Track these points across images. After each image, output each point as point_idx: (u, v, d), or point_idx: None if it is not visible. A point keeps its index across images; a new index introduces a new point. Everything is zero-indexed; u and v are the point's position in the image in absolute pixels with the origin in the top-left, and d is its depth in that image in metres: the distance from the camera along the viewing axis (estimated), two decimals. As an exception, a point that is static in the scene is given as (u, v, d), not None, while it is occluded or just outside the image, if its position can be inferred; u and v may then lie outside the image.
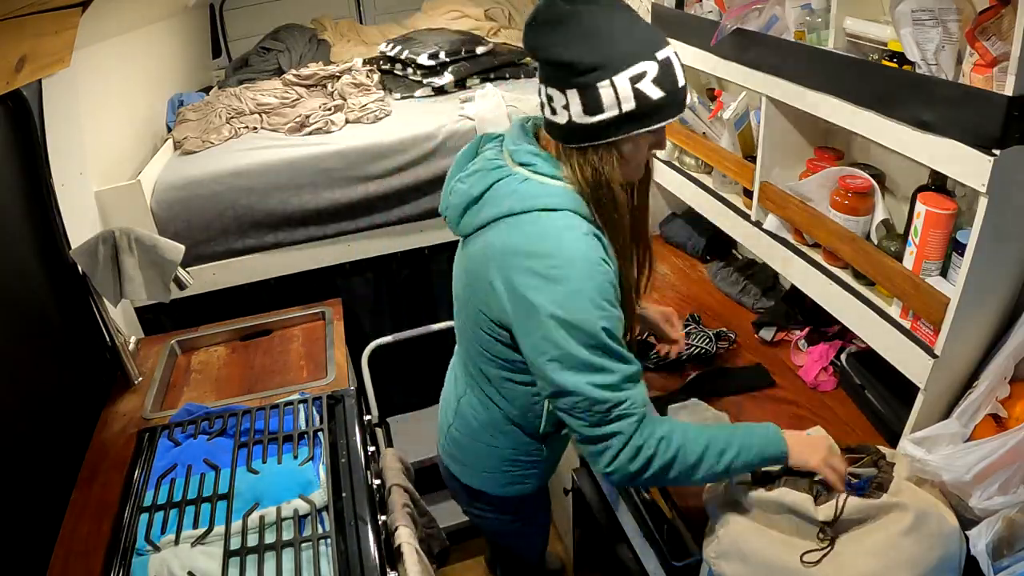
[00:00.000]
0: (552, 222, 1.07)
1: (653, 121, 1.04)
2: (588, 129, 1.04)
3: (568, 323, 1.03)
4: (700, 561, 1.33)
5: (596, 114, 1.02)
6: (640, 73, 1.00)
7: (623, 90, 1.00)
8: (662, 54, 1.01)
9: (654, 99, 1.01)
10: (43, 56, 1.55)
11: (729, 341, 1.81)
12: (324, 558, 1.29)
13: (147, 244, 1.73)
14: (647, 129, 1.04)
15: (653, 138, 1.09)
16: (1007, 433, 1.11)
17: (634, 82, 1.00)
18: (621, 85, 1.00)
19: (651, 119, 1.03)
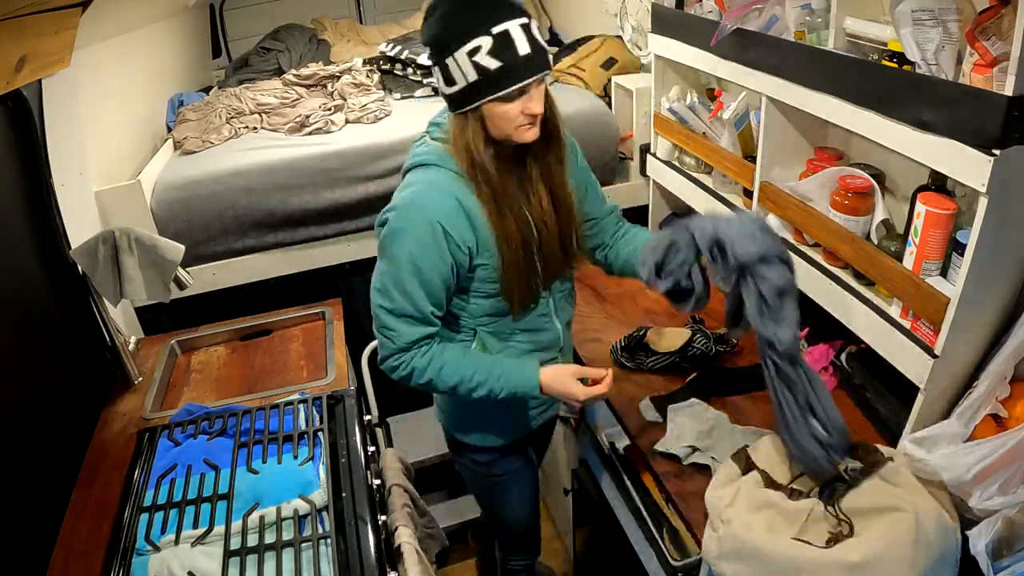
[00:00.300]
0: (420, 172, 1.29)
1: (497, 89, 1.15)
2: (452, 99, 1.22)
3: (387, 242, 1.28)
4: (700, 561, 1.33)
5: (451, 85, 1.19)
6: (475, 47, 1.13)
7: (464, 63, 1.14)
8: (498, 28, 1.12)
9: (491, 69, 1.13)
10: (43, 56, 1.55)
11: (730, 345, 1.81)
12: (324, 558, 1.29)
13: (147, 244, 1.73)
14: (494, 96, 1.16)
15: (511, 103, 1.18)
16: (1007, 433, 1.11)
17: (471, 55, 1.13)
18: (461, 60, 1.14)
19: (494, 87, 1.15)
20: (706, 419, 1.55)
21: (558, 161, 1.34)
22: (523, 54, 1.14)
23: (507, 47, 1.13)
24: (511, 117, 1.19)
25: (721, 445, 1.49)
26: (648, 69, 2.25)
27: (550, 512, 2.61)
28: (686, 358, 1.78)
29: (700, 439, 1.51)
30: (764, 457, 1.29)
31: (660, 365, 1.77)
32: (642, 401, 1.66)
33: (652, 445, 1.54)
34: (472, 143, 1.22)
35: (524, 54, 1.14)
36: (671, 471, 1.49)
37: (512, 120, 1.20)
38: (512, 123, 1.20)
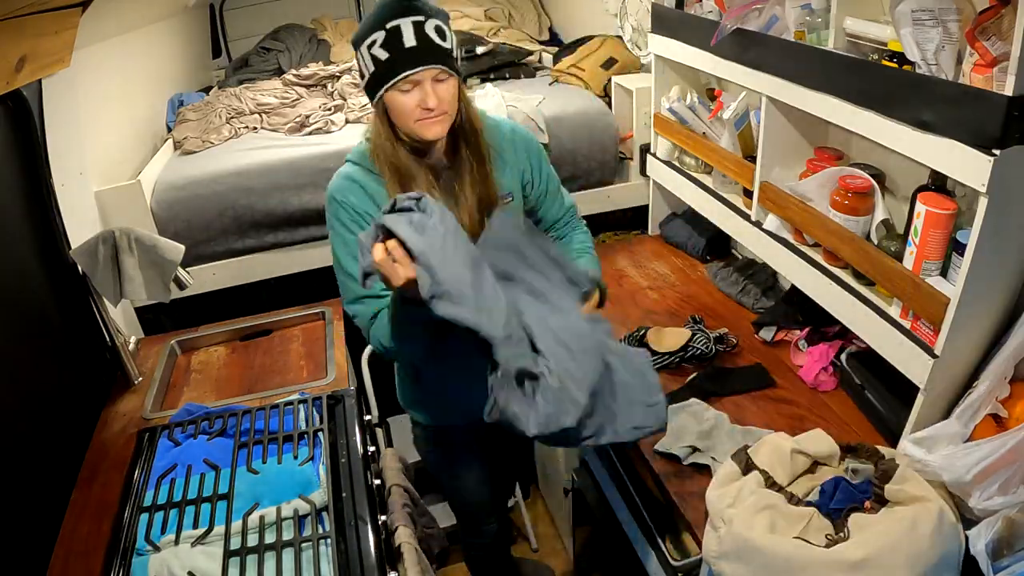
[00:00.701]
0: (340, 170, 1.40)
1: (388, 77, 1.24)
2: (365, 92, 1.31)
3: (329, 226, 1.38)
4: (700, 561, 1.33)
5: (362, 78, 1.30)
6: (372, 41, 1.23)
7: (364, 57, 1.25)
8: (391, 23, 1.21)
9: (382, 59, 1.23)
10: (43, 56, 1.55)
11: (729, 345, 1.81)
12: (324, 558, 1.29)
13: (147, 244, 1.73)
14: (388, 84, 1.24)
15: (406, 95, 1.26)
16: (1007, 433, 1.11)
17: (369, 48, 1.23)
18: (363, 53, 1.25)
19: (385, 78, 1.24)
20: (706, 419, 1.55)
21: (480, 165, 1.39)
22: (408, 46, 1.22)
23: (395, 40, 1.22)
24: (408, 109, 1.26)
25: (721, 445, 1.49)
26: (648, 69, 2.25)
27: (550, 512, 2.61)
28: (686, 358, 1.78)
29: (700, 439, 1.51)
30: (764, 457, 1.29)
31: (660, 365, 1.77)
32: (642, 401, 1.66)
33: (652, 445, 1.54)
34: (381, 135, 1.32)
35: (409, 46, 1.22)
36: (671, 471, 1.49)
37: (410, 113, 1.26)
38: (410, 116, 1.27)
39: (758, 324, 1.88)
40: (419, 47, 1.23)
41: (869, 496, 1.19)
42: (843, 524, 1.16)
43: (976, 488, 1.12)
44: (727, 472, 1.30)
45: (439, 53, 1.25)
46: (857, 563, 1.07)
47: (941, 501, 1.13)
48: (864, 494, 1.19)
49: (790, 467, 1.28)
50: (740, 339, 1.84)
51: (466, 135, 1.36)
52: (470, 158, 1.37)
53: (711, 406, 1.60)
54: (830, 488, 1.21)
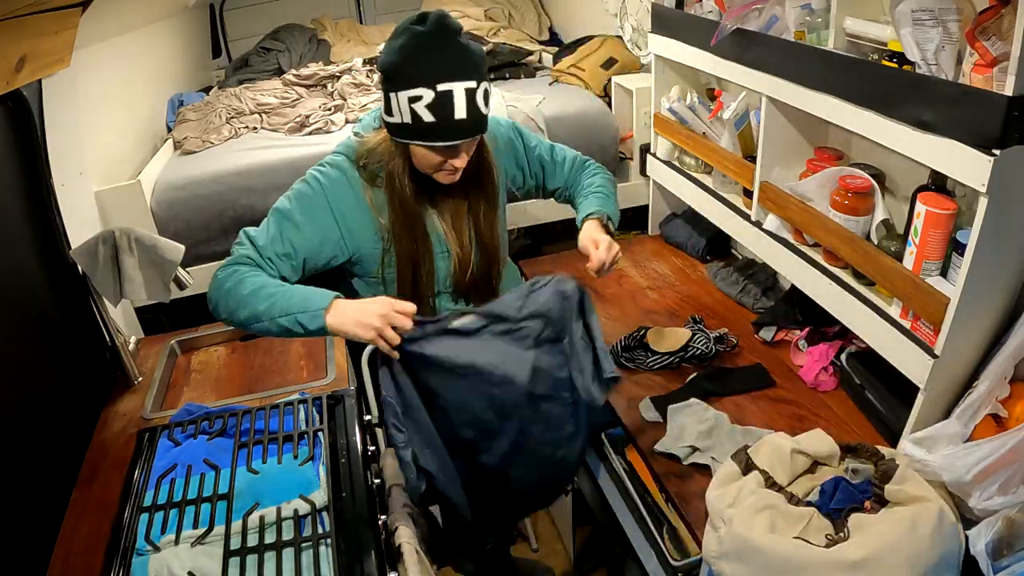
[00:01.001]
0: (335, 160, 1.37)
1: (425, 138, 1.22)
2: (387, 125, 1.28)
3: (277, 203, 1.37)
4: (700, 561, 1.33)
5: (389, 115, 1.25)
6: (416, 96, 1.17)
7: (403, 105, 1.20)
8: (443, 87, 1.17)
9: (425, 121, 1.19)
10: (43, 56, 1.55)
11: (730, 345, 1.82)
12: (324, 558, 1.29)
13: (147, 244, 1.73)
14: (421, 144, 1.23)
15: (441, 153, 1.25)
16: (1007, 433, 1.11)
17: (411, 102, 1.18)
18: (402, 101, 1.19)
19: (423, 138, 1.22)
20: (706, 419, 1.55)
21: (489, 206, 1.41)
22: (457, 118, 1.19)
23: (445, 106, 1.18)
24: (434, 163, 1.26)
25: (721, 445, 1.49)
26: (648, 69, 2.25)
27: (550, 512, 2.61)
28: (686, 358, 1.78)
29: (700, 439, 1.51)
30: (764, 457, 1.29)
31: (660, 365, 1.77)
32: (642, 401, 1.66)
33: (652, 445, 1.54)
34: (397, 168, 1.30)
35: (459, 118, 1.19)
36: (671, 471, 1.49)
37: (434, 165, 1.26)
38: (434, 168, 1.27)
39: (758, 324, 1.88)
40: (467, 120, 1.20)
41: (869, 496, 1.19)
42: (843, 524, 1.16)
43: (976, 488, 1.12)
44: (727, 472, 1.30)
45: (482, 123, 1.24)
46: (857, 563, 1.07)
47: (941, 501, 1.13)
48: (864, 494, 1.19)
49: (790, 467, 1.28)
50: (740, 339, 1.84)
51: (480, 178, 1.38)
52: (480, 196, 1.40)
53: (711, 406, 1.60)
54: (830, 488, 1.21)
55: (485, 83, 1.21)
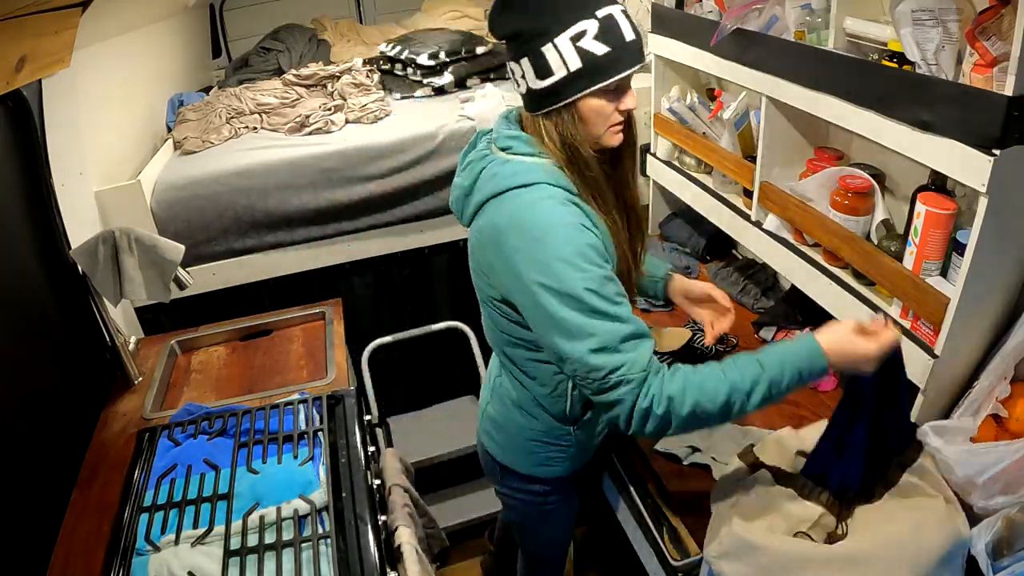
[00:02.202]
0: (529, 195, 1.10)
1: (603, 77, 1.06)
2: (544, 93, 1.09)
3: (552, 289, 1.05)
4: (700, 561, 1.33)
5: (547, 77, 1.07)
6: (580, 32, 1.03)
7: (566, 50, 1.04)
8: (603, 12, 1.04)
9: (598, 55, 1.04)
10: (43, 56, 1.55)
11: (730, 345, 1.81)
12: (324, 558, 1.29)
13: (147, 244, 1.73)
14: (599, 86, 1.07)
15: (613, 97, 1.10)
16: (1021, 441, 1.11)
17: (575, 41, 1.04)
18: (563, 46, 1.04)
19: (600, 75, 1.06)
20: None
21: (633, 166, 1.25)
22: (629, 40, 1.06)
23: (613, 31, 1.05)
24: (606, 114, 1.10)
25: (721, 445, 1.49)
26: (648, 69, 2.25)
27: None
28: (686, 358, 1.78)
29: (700, 439, 1.51)
30: (771, 455, 1.29)
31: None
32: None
33: (652, 445, 1.54)
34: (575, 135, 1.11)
35: (630, 40, 1.06)
36: (671, 471, 1.49)
37: (607, 118, 1.11)
38: (606, 122, 1.11)
39: (758, 324, 1.88)
40: (636, 40, 1.07)
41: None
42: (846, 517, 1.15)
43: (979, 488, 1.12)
44: (733, 471, 1.31)
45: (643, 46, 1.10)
46: (857, 560, 1.07)
47: (953, 500, 1.13)
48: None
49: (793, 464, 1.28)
50: (740, 339, 1.84)
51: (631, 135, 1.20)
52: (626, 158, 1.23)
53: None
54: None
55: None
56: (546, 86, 1.08)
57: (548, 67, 1.07)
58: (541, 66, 1.07)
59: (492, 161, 1.18)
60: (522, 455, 1.42)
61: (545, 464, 1.42)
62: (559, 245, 1.06)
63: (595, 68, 1.05)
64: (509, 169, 1.14)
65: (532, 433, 1.37)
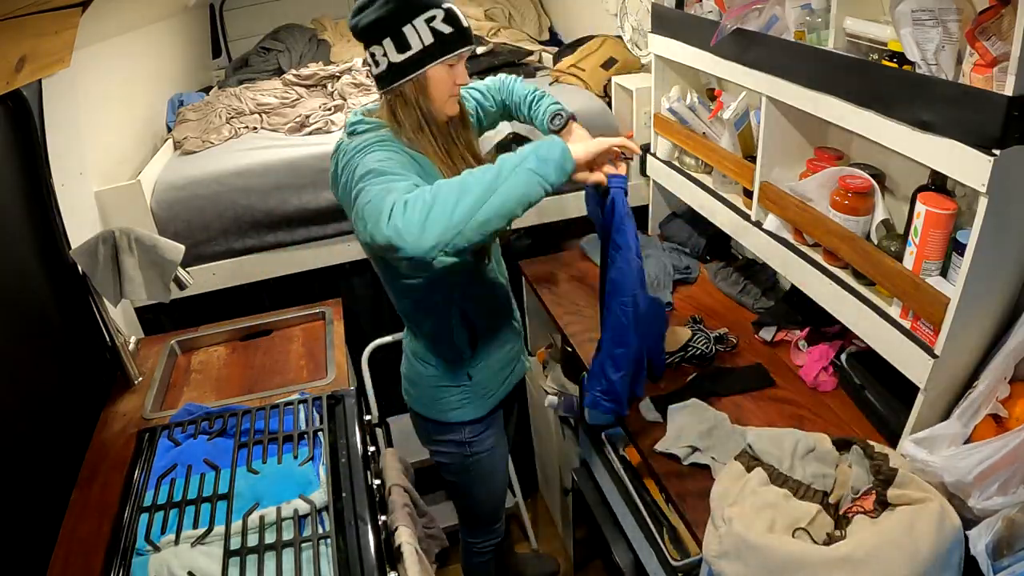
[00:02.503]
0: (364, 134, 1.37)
1: (449, 49, 1.33)
2: (402, 65, 1.33)
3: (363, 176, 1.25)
4: (700, 561, 1.33)
5: (406, 51, 1.32)
6: (432, 16, 1.31)
7: (422, 29, 1.31)
8: (446, 4, 1.33)
9: (446, 33, 1.32)
10: (43, 56, 1.55)
11: (729, 345, 1.81)
12: (324, 558, 1.29)
13: (147, 244, 1.73)
14: (446, 57, 1.33)
15: (452, 71, 1.36)
16: (1009, 434, 1.11)
17: (428, 22, 1.31)
18: (419, 25, 1.31)
19: (447, 48, 1.33)
20: (706, 419, 1.55)
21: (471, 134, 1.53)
22: (465, 25, 1.35)
23: (455, 18, 1.34)
24: (448, 84, 1.37)
25: (721, 445, 1.49)
26: (648, 69, 2.25)
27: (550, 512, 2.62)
28: (686, 358, 1.78)
29: (700, 439, 1.51)
30: (767, 454, 1.29)
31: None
32: (642, 401, 1.66)
33: (652, 445, 1.54)
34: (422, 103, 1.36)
35: (466, 26, 1.35)
36: (671, 471, 1.49)
37: (448, 88, 1.37)
38: (447, 91, 1.37)
39: (758, 324, 1.88)
40: (469, 28, 1.36)
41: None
42: (844, 523, 1.16)
43: (976, 488, 1.12)
44: (731, 471, 1.31)
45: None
46: (856, 561, 1.07)
47: (942, 500, 1.13)
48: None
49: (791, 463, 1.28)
50: (740, 339, 1.84)
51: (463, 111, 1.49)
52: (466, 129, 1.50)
53: (711, 406, 1.60)
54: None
55: None
56: (405, 58, 1.33)
57: (407, 43, 1.32)
58: (401, 43, 1.32)
59: (342, 144, 1.40)
60: (432, 403, 1.66)
61: (455, 408, 1.64)
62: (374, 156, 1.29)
63: (443, 43, 1.32)
64: (356, 141, 1.35)
65: (434, 380, 1.63)
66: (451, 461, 1.75)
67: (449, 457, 1.74)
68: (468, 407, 1.65)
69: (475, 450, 1.71)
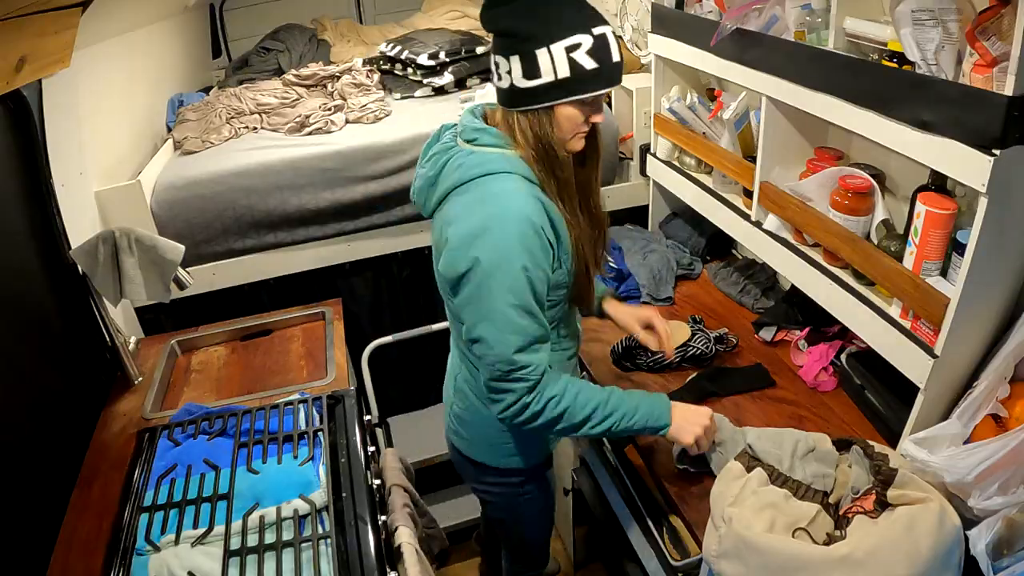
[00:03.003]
0: (495, 182, 1.17)
1: (585, 89, 1.13)
2: (527, 92, 1.14)
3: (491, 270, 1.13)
4: (700, 561, 1.33)
5: (534, 78, 1.13)
6: (575, 44, 1.10)
7: (559, 58, 1.10)
8: (598, 30, 1.12)
9: (587, 69, 1.11)
10: (43, 56, 1.55)
11: (729, 345, 1.81)
12: (324, 558, 1.29)
13: (147, 244, 1.73)
14: (579, 97, 1.14)
15: (588, 109, 1.17)
16: (1009, 434, 1.11)
17: (569, 51, 1.10)
18: (557, 53, 1.10)
19: (583, 87, 1.13)
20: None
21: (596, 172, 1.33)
22: (615, 60, 1.14)
23: (604, 50, 1.12)
24: (577, 122, 1.18)
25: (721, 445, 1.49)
26: (648, 69, 2.25)
27: (550, 512, 2.62)
28: (686, 358, 1.78)
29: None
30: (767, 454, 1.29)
31: (660, 365, 1.77)
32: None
33: (652, 445, 1.54)
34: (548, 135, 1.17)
35: (616, 61, 1.14)
36: (671, 471, 1.49)
37: (577, 125, 1.18)
38: (576, 128, 1.18)
39: (758, 324, 1.88)
40: (620, 63, 1.16)
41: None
42: (844, 523, 1.16)
43: (976, 488, 1.12)
44: (731, 470, 1.30)
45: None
46: (855, 561, 1.07)
47: (942, 500, 1.13)
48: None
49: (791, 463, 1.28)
50: (740, 339, 1.84)
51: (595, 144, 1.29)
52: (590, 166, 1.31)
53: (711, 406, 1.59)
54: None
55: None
56: (531, 87, 1.14)
57: (537, 70, 1.12)
58: (531, 68, 1.12)
59: (457, 152, 1.23)
60: (491, 448, 1.47)
61: (515, 454, 1.47)
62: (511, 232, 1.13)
63: (581, 80, 1.12)
64: (475, 159, 1.19)
65: (498, 424, 1.38)
66: (502, 503, 1.60)
67: (501, 499, 1.59)
68: (531, 451, 1.49)
69: (528, 489, 1.55)
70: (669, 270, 2.13)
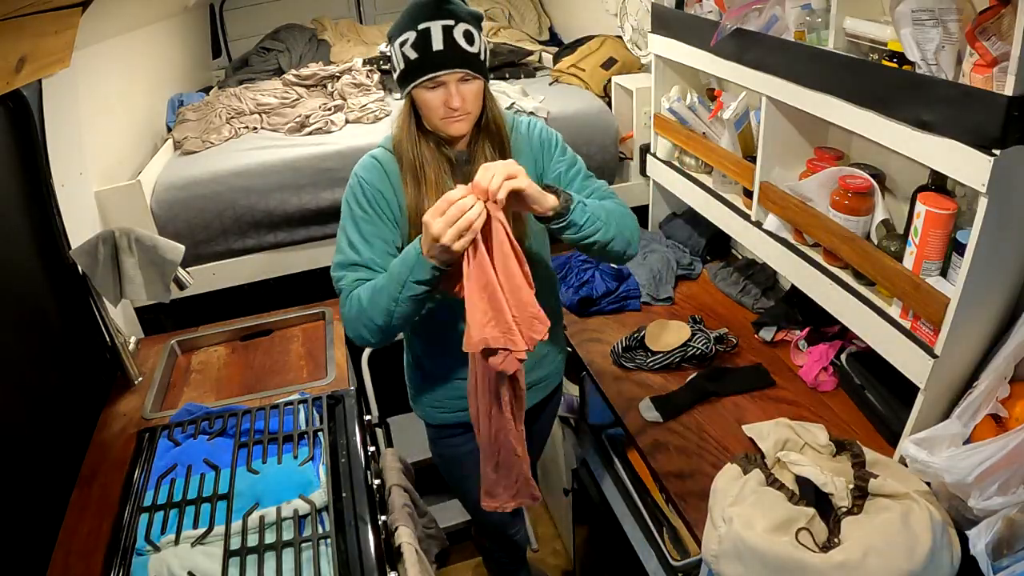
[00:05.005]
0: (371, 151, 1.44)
1: (414, 77, 1.30)
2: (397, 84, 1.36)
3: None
4: (700, 561, 1.33)
5: (394, 72, 1.35)
6: (404, 40, 1.28)
7: (396, 53, 1.32)
8: (422, 26, 1.26)
9: (411, 59, 1.28)
10: (43, 56, 1.55)
11: (729, 345, 1.81)
12: (324, 558, 1.29)
13: (147, 244, 1.73)
14: (414, 84, 1.30)
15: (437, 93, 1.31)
16: (1009, 434, 1.11)
17: (401, 46, 1.29)
18: (395, 50, 1.31)
19: (413, 75, 1.30)
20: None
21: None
22: (435, 49, 1.27)
23: (424, 42, 1.27)
24: (434, 106, 1.32)
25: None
26: (648, 69, 2.25)
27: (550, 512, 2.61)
28: (686, 358, 1.78)
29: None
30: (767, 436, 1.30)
31: (660, 365, 1.77)
32: (642, 401, 1.66)
33: (652, 445, 1.54)
34: (404, 126, 1.38)
35: (436, 49, 1.27)
36: (671, 471, 1.49)
37: (435, 109, 1.32)
38: (436, 112, 1.32)
39: (758, 324, 1.88)
40: (445, 51, 1.27)
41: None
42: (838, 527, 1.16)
43: (976, 488, 1.12)
44: (731, 471, 1.31)
45: (464, 57, 1.30)
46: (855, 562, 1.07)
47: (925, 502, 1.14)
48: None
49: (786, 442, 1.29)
50: (740, 339, 1.84)
51: (489, 131, 1.41)
52: (488, 151, 1.41)
53: (710, 406, 1.60)
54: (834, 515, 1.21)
55: (467, 25, 1.28)
56: (395, 78, 1.36)
57: (393, 65, 1.35)
58: (392, 64, 1.35)
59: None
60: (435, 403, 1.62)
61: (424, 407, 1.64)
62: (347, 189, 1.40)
63: (410, 70, 1.30)
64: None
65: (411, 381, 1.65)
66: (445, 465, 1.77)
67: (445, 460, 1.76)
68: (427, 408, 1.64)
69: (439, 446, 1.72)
70: (669, 270, 2.13)
